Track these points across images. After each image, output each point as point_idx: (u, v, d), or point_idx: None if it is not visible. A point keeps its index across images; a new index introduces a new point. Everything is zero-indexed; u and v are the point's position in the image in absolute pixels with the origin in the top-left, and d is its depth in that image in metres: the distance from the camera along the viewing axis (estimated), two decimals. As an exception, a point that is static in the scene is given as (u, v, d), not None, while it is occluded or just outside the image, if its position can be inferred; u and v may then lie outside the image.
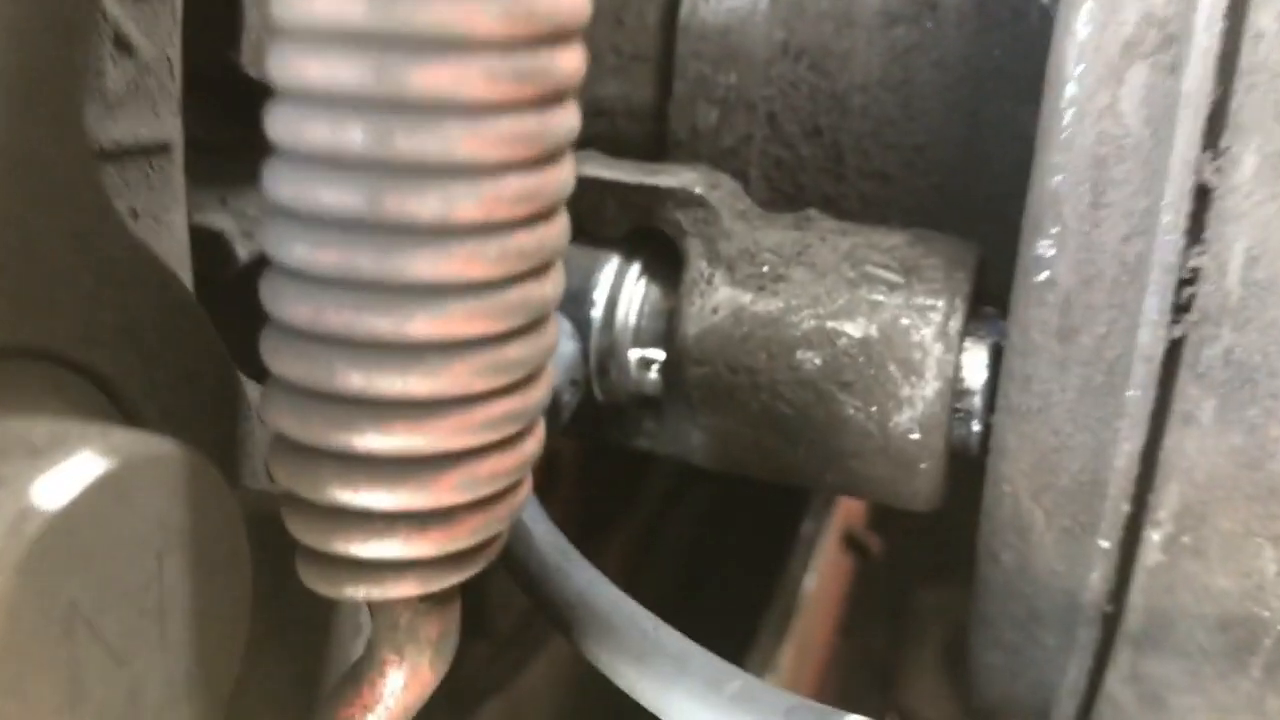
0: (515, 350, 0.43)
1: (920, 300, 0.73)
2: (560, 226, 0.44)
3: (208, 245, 0.73)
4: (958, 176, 0.86)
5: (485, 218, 0.41)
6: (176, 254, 0.59)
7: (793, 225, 0.78)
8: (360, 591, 0.45)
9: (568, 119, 0.43)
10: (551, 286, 0.44)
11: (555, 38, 0.41)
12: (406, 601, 0.48)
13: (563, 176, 0.43)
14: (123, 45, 0.55)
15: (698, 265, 0.77)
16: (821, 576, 1.66)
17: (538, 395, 0.46)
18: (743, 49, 0.85)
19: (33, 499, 0.37)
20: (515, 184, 0.41)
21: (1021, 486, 0.75)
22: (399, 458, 0.43)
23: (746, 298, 0.75)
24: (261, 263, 0.44)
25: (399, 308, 0.41)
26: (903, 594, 1.92)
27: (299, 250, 0.41)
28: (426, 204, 0.40)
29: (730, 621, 1.57)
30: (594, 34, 0.90)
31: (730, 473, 0.81)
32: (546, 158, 0.42)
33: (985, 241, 0.80)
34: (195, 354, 0.50)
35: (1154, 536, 0.73)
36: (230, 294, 0.64)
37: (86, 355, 0.45)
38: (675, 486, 1.85)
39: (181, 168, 0.61)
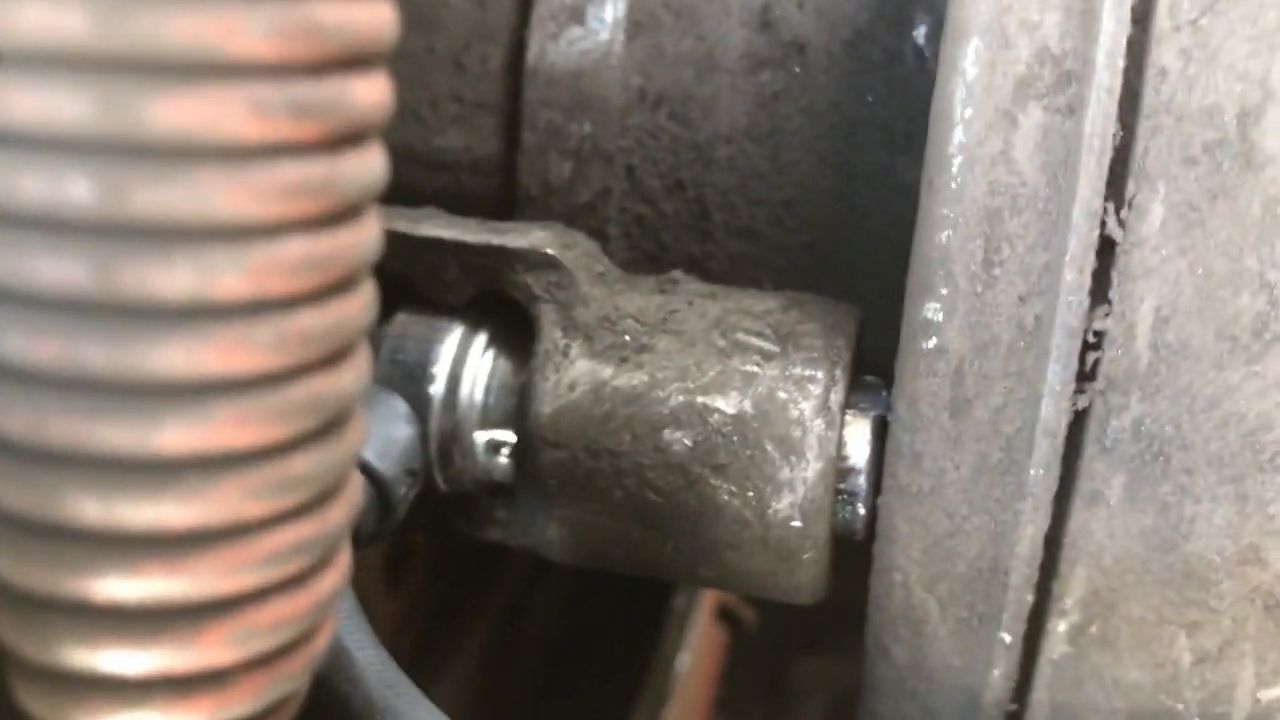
0: (303, 462, 0.34)
1: (798, 371, 0.65)
2: (362, 301, 0.35)
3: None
4: (831, 234, 0.79)
5: (255, 293, 0.31)
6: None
7: (656, 289, 0.70)
8: (110, 778, 0.35)
9: (367, 165, 0.34)
10: (352, 378, 0.35)
11: (348, 61, 0.32)
12: (177, 782, 0.38)
13: (362, 238, 0.34)
14: None
15: (552, 335, 0.68)
16: (695, 653, 1.57)
17: (338, 517, 0.36)
18: (597, 96, 0.77)
19: None
20: (296, 249, 0.32)
21: (913, 575, 0.67)
22: (152, 607, 0.33)
23: (607, 371, 0.67)
24: None
25: (144, 414, 0.31)
26: (779, 665, 1.85)
27: (12, 341, 0.31)
28: (175, 277, 0.30)
29: (602, 709, 1.47)
30: (432, 80, 0.81)
31: (592, 567, 0.72)
32: (339, 214, 0.33)
33: (863, 304, 0.73)
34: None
35: (1059, 627, 0.66)
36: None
37: None
38: (536, 567, 1.75)
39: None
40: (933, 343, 0.61)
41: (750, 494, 0.65)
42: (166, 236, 0.30)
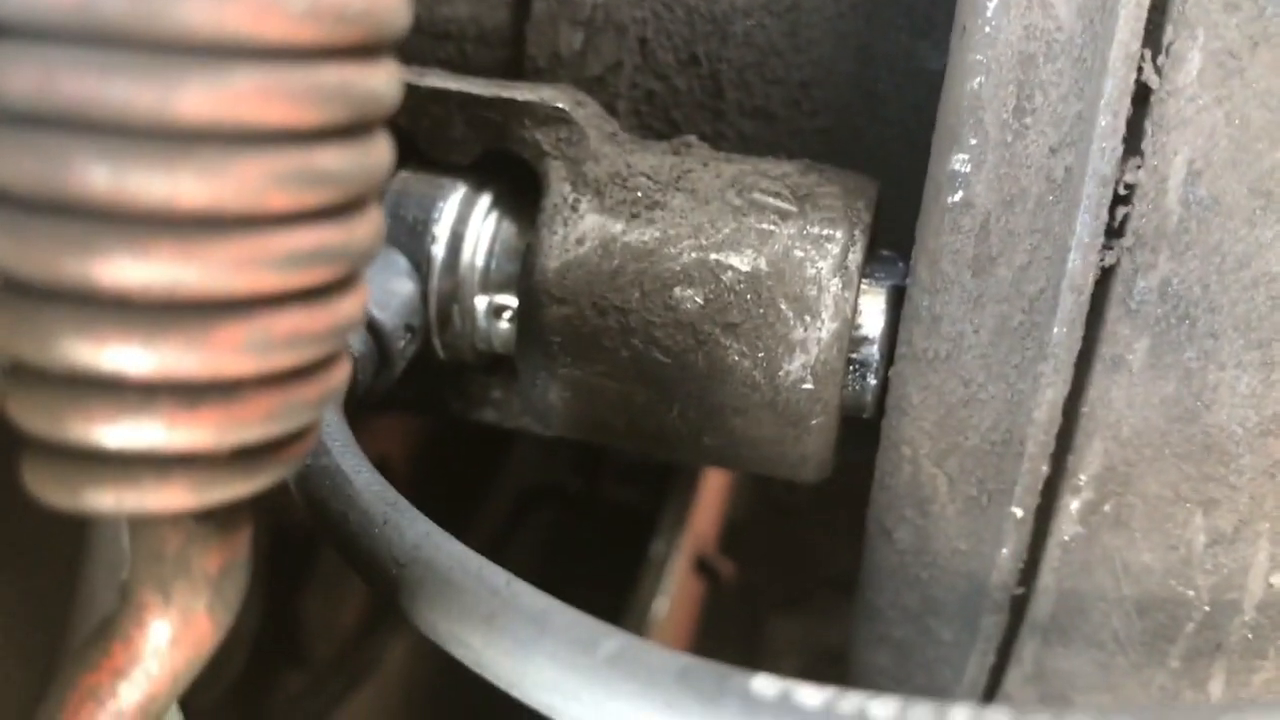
0: (331, 157, 0.31)
1: (815, 230, 0.63)
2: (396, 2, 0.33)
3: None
4: (847, 118, 0.77)
5: (290, -50, 0.29)
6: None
7: (670, 150, 0.68)
8: (105, 499, 0.32)
9: None
10: (384, 78, 0.33)
11: None
12: (175, 521, 0.35)
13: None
14: None
15: (560, 189, 0.66)
16: (672, 602, 1.55)
17: (364, 234, 0.34)
18: (612, -38, 0.75)
19: None
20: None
21: (922, 448, 0.66)
22: (160, 297, 0.30)
23: (617, 226, 0.65)
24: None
25: (163, 72, 0.29)
26: (755, 623, 1.83)
27: (19, -11, 0.29)
28: (205, -83, 0.28)
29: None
30: (440, -54, 0.79)
31: (591, 441, 0.70)
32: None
33: (877, 192, 0.71)
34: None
35: (1071, 505, 0.65)
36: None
37: None
38: (515, 510, 1.72)
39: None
40: (959, 196, 0.60)
41: (761, 354, 0.63)
42: None
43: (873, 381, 0.66)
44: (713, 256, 0.63)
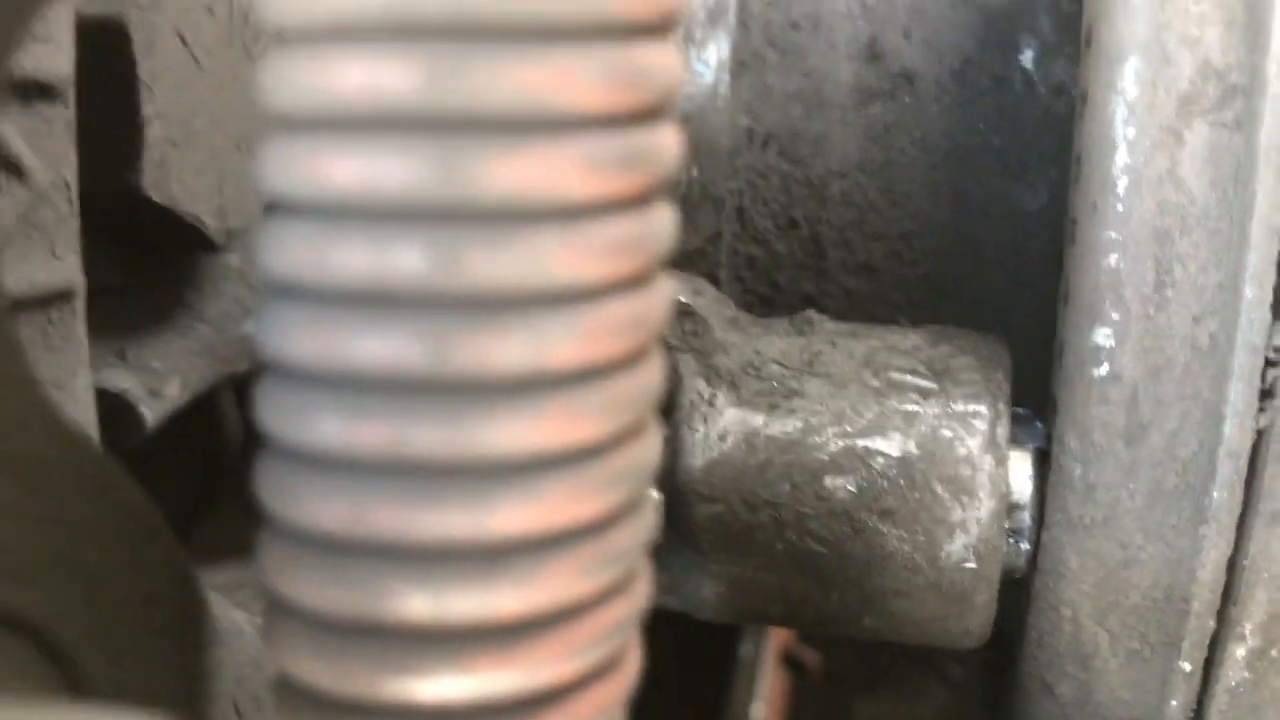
0: (626, 534, 0.32)
1: (960, 407, 0.63)
2: (658, 365, 0.33)
3: (107, 410, 0.60)
4: (948, 264, 0.77)
5: (587, 359, 0.29)
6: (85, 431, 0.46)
7: (794, 330, 0.68)
8: None
9: (667, 217, 0.32)
10: (654, 443, 0.33)
11: (658, 108, 0.31)
12: None
13: (664, 295, 0.32)
14: (10, 167, 0.42)
15: (695, 385, 0.66)
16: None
17: (642, 591, 0.34)
18: (704, 139, 0.76)
19: None
20: (621, 310, 0.30)
21: (1083, 609, 0.66)
22: (480, 706, 0.30)
23: (758, 419, 0.65)
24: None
25: (477, 496, 0.29)
26: (840, 707, 1.81)
27: (330, 427, 0.29)
28: (510, 348, 0.28)
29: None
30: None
31: (744, 624, 0.70)
32: (650, 271, 0.31)
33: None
34: (150, 571, 0.37)
35: (1238, 652, 0.65)
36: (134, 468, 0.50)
37: (7, 596, 0.32)
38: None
39: (84, 319, 0.48)
40: (1104, 369, 0.60)
41: (921, 538, 0.63)
42: (501, 305, 0.28)
43: (1025, 546, 0.66)
44: (860, 443, 0.63)
